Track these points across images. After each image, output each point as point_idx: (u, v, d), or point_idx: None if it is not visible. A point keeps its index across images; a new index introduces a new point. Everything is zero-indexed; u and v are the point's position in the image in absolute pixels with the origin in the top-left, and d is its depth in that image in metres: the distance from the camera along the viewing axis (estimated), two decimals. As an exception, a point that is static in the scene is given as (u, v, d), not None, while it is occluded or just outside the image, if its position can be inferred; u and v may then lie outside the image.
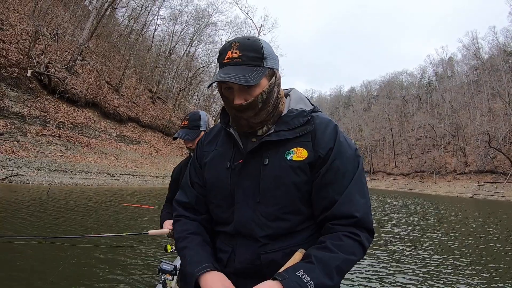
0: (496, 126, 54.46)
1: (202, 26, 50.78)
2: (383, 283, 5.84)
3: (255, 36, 1.29)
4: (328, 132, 1.26)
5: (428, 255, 8.08)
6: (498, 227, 13.69)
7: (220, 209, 1.35)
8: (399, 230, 11.80)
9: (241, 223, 1.26)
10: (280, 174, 1.22)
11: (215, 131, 1.50)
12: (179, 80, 51.74)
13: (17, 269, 4.78)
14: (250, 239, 1.26)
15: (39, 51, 20.83)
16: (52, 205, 10.43)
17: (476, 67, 76.36)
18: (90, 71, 28.39)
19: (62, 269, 4.86)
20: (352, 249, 1.14)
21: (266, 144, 1.25)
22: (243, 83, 1.14)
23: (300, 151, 1.23)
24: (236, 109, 1.25)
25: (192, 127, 2.57)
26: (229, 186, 1.30)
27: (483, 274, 6.57)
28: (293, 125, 1.26)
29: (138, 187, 21.14)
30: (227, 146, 1.38)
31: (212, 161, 1.40)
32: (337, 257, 1.10)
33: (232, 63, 1.19)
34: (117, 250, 6.49)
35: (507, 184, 43.56)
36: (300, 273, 1.05)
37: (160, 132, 35.93)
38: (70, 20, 28.04)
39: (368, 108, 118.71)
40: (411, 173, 74.79)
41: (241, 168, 1.29)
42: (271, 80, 1.25)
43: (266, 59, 1.22)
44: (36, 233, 6.77)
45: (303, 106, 1.34)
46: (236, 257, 1.28)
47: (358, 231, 1.17)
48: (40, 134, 18.32)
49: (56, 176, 16.07)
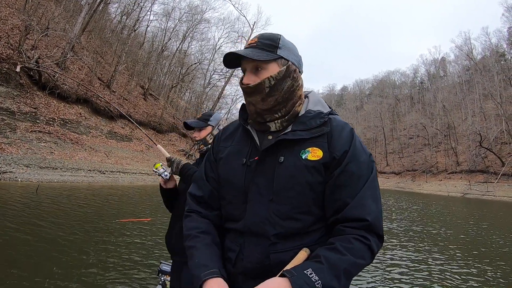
0: (487, 126, 54.91)
1: (195, 22, 50.63)
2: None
3: (284, 37, 1.37)
4: (344, 135, 1.28)
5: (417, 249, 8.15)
6: (491, 226, 13.83)
7: (232, 205, 1.36)
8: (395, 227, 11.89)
9: (253, 221, 1.27)
10: (295, 173, 1.23)
11: (233, 127, 1.53)
12: (171, 77, 51.45)
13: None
14: (260, 238, 1.26)
15: (29, 46, 20.57)
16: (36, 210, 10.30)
17: (468, 68, 77.20)
18: (81, 67, 28.13)
19: (59, 270, 4.88)
20: (362, 252, 1.14)
21: (282, 142, 1.27)
22: (246, 55, 1.25)
23: (316, 151, 1.25)
24: (244, 91, 1.33)
25: (202, 120, 2.71)
26: (243, 182, 1.31)
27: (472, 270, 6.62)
28: (310, 126, 1.29)
29: (129, 184, 21.02)
30: (244, 143, 1.40)
31: (228, 156, 1.41)
32: (346, 259, 1.10)
33: (248, 47, 1.32)
34: (117, 249, 6.50)
35: (498, 183, 43.92)
36: (308, 272, 1.05)
37: (152, 129, 35.67)
38: (62, 15, 27.72)
39: (361, 106, 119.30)
40: (402, 172, 75.23)
41: (256, 165, 1.30)
42: (282, 68, 1.30)
43: (280, 48, 1.30)
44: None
45: (321, 108, 1.36)
46: (244, 256, 1.27)
47: (368, 235, 1.17)
48: (30, 131, 18.10)
49: (46, 173, 15.92)
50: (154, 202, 14.09)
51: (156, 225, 9.37)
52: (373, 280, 6.13)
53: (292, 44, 1.37)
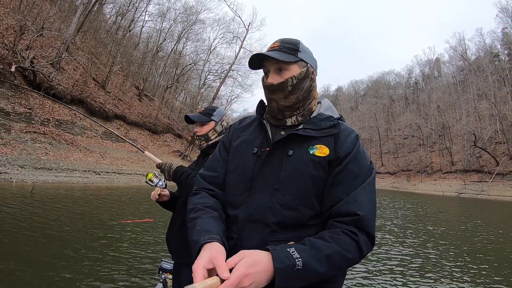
0: (482, 126, 55.26)
1: (190, 23, 50.49)
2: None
3: (301, 41, 1.47)
4: (350, 139, 1.35)
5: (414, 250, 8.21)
6: (485, 224, 13.93)
7: (236, 191, 1.40)
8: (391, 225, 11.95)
9: (255, 208, 1.31)
10: (301, 166, 1.29)
11: (250, 119, 1.62)
12: (166, 78, 51.38)
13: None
14: (260, 225, 1.29)
15: (24, 46, 20.46)
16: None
17: (462, 68, 77.52)
18: (76, 67, 28.00)
19: (61, 269, 4.89)
20: (347, 246, 1.14)
21: (292, 137, 1.34)
22: (274, 56, 1.33)
23: (323, 148, 1.32)
24: (267, 88, 1.41)
25: (205, 114, 2.61)
26: (251, 170, 1.37)
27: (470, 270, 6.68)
28: (320, 127, 1.37)
29: (124, 185, 20.93)
30: (258, 135, 1.47)
31: (240, 144, 1.49)
32: (331, 246, 1.12)
33: (271, 50, 1.40)
34: (116, 248, 6.50)
35: (492, 183, 44.23)
36: (291, 250, 1.07)
37: (147, 129, 35.66)
38: (57, 15, 27.52)
39: (355, 107, 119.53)
40: (397, 172, 75.51)
41: (266, 156, 1.36)
42: (302, 69, 1.39)
43: (301, 52, 1.41)
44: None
45: (331, 113, 1.45)
46: (242, 244, 1.29)
47: (357, 231, 1.18)
48: (24, 131, 17.98)
49: (41, 174, 15.84)
50: (154, 202, 13.99)
51: (158, 225, 9.36)
52: (368, 270, 6.18)
53: (309, 50, 1.48)
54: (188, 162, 37.84)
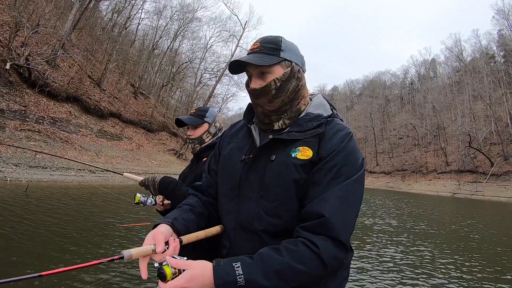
0: (476, 127, 55.52)
1: (187, 21, 50.32)
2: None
3: (285, 38, 1.40)
4: (337, 137, 1.27)
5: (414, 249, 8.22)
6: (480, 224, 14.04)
7: (226, 198, 1.40)
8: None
9: (244, 216, 1.30)
10: (283, 170, 1.25)
11: (239, 125, 1.61)
12: (162, 76, 51.26)
13: None
14: (250, 233, 1.29)
15: (19, 43, 20.30)
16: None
17: (458, 69, 77.93)
18: (71, 65, 27.82)
19: (60, 274, 4.76)
20: (303, 258, 1.08)
21: (276, 142, 1.31)
22: (252, 62, 1.28)
23: (306, 150, 1.26)
24: (251, 93, 1.37)
25: (197, 116, 2.54)
26: (239, 177, 1.36)
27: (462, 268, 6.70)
28: (306, 128, 1.31)
29: (119, 184, 20.84)
30: (246, 141, 1.46)
31: (229, 152, 1.48)
32: (281, 260, 1.07)
33: (251, 52, 1.34)
34: (117, 247, 6.51)
35: (486, 183, 44.63)
36: (236, 265, 1.06)
37: (142, 128, 35.49)
38: (52, 11, 27.34)
39: (351, 107, 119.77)
40: (392, 171, 76.04)
41: (251, 162, 1.35)
42: (286, 70, 1.33)
43: (283, 51, 1.34)
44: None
45: (322, 112, 1.38)
46: (235, 252, 1.28)
47: (318, 241, 1.10)
48: (19, 129, 17.85)
49: (35, 172, 15.73)
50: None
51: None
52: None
53: (294, 45, 1.41)
54: (183, 161, 37.85)
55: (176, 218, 1.27)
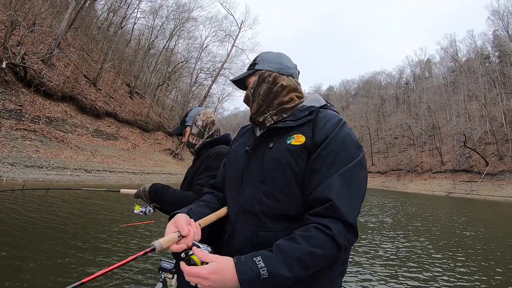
0: (471, 127, 55.72)
1: (183, 21, 50.29)
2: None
3: (272, 51, 1.63)
4: (329, 124, 1.34)
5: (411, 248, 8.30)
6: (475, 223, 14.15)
7: (230, 187, 1.53)
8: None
9: (244, 199, 1.39)
10: (279, 155, 1.34)
11: (248, 127, 1.73)
12: (157, 75, 51.27)
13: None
14: (250, 215, 1.35)
15: (15, 42, 20.21)
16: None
17: (453, 69, 78.51)
18: (67, 64, 27.74)
19: (61, 268, 4.85)
20: (319, 242, 1.11)
21: (272, 130, 1.43)
22: (233, 79, 1.60)
23: (299, 137, 1.34)
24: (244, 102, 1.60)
25: (181, 123, 2.69)
26: (241, 166, 1.47)
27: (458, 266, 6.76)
28: (299, 117, 1.41)
29: (115, 183, 20.77)
30: (250, 136, 1.61)
31: (236, 147, 1.64)
32: (300, 248, 1.10)
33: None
34: (117, 245, 6.53)
35: (482, 183, 44.89)
36: (257, 259, 1.09)
37: (138, 127, 35.44)
38: (48, 10, 27.23)
39: (346, 106, 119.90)
40: (388, 171, 76.04)
41: (252, 151, 1.47)
42: (256, 78, 1.54)
43: (258, 63, 1.56)
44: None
45: (315, 104, 1.48)
46: (235, 235, 1.37)
47: (330, 223, 1.13)
48: (14, 129, 17.75)
49: (31, 172, 15.64)
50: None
51: (159, 225, 9.31)
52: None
53: (273, 55, 1.60)
54: (179, 160, 37.83)
55: (191, 209, 1.37)
